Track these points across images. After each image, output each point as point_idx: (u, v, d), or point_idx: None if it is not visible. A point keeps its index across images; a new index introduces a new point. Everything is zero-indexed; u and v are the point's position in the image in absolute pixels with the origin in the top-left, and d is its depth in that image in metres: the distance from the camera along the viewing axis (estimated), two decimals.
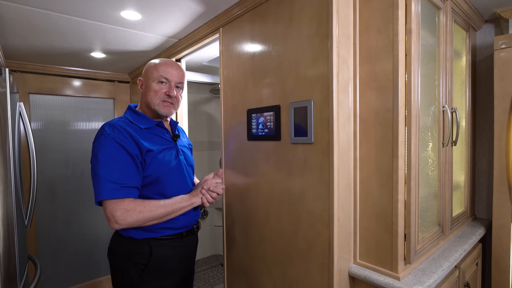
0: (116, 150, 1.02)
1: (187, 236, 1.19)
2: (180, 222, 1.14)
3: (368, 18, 1.04)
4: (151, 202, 1.04)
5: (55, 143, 2.39)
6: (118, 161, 1.01)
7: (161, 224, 1.09)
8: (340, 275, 1.03)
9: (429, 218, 1.18)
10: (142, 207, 1.01)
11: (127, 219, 0.98)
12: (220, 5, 1.36)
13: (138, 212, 1.00)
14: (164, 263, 1.11)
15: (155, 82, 1.14)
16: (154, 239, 1.10)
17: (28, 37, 1.69)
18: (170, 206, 1.07)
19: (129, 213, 0.98)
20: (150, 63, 1.18)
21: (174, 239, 1.14)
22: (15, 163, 1.20)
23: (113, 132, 1.04)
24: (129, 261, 1.09)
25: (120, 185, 0.99)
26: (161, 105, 1.15)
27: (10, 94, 1.16)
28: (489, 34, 1.64)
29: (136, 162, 1.04)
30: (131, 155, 1.03)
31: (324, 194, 1.02)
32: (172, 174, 1.14)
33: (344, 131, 1.04)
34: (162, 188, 1.11)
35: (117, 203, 0.98)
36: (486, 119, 1.65)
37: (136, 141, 1.06)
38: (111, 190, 0.98)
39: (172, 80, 1.15)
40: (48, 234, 2.35)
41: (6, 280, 1.05)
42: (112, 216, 0.97)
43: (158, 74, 1.14)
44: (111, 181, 0.98)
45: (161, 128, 1.19)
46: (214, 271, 2.97)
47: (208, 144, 3.31)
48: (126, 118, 1.15)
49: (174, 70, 1.16)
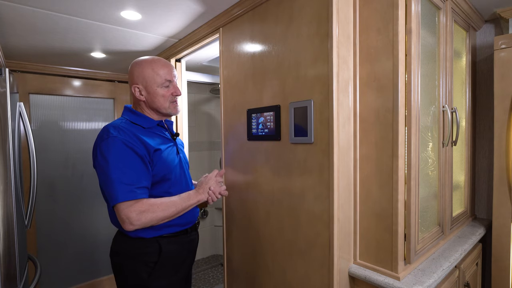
0: (125, 152, 1.01)
1: (191, 231, 1.22)
2: (185, 219, 1.17)
3: (368, 18, 1.04)
4: (163, 202, 1.05)
5: (55, 143, 2.39)
6: (129, 162, 1.01)
7: (170, 222, 1.11)
8: (340, 275, 1.03)
9: (429, 218, 1.18)
10: (155, 207, 1.02)
11: (142, 219, 0.99)
12: (220, 5, 1.36)
13: (152, 212, 1.00)
14: (172, 260, 1.14)
15: (161, 87, 1.13)
16: (162, 237, 1.11)
17: (28, 37, 1.69)
18: (180, 204, 1.09)
19: (143, 214, 0.99)
20: (144, 67, 1.12)
21: (180, 236, 1.17)
22: (15, 163, 1.20)
23: (120, 134, 1.03)
24: (138, 261, 1.09)
25: (133, 186, 0.99)
26: (172, 107, 1.18)
27: (10, 94, 1.16)
28: (489, 34, 1.64)
29: (145, 162, 1.05)
30: (140, 155, 1.03)
31: (324, 194, 1.02)
32: (176, 172, 1.17)
33: (344, 131, 1.04)
34: (168, 186, 1.13)
35: (131, 205, 0.98)
36: (486, 119, 1.65)
37: (142, 141, 1.07)
38: (125, 192, 0.98)
39: (173, 79, 1.17)
40: (48, 234, 2.35)
41: (6, 280, 1.06)
42: (128, 218, 0.97)
43: (161, 79, 1.12)
44: (124, 183, 0.98)
45: (161, 128, 1.21)
46: (214, 271, 2.97)
47: (208, 144, 3.30)
48: (126, 119, 1.14)
49: (170, 68, 1.16)
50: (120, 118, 1.15)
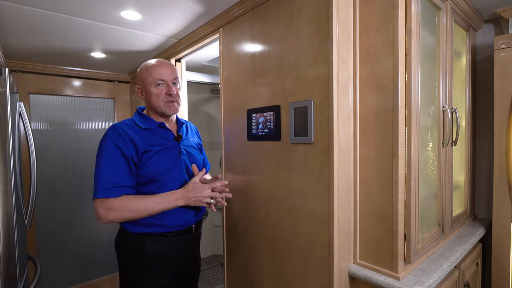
0: (113, 152, 1.09)
1: (182, 235, 1.21)
2: (170, 222, 1.17)
3: (368, 18, 1.04)
4: (132, 202, 1.09)
5: (55, 143, 2.39)
6: (113, 162, 1.09)
7: (152, 221, 1.14)
8: (340, 275, 1.03)
9: (429, 218, 1.18)
10: (123, 208, 1.08)
11: (109, 216, 1.07)
12: (220, 5, 1.36)
13: (119, 211, 1.07)
14: (156, 258, 1.15)
15: (153, 86, 1.18)
16: (148, 234, 1.15)
17: (28, 37, 1.69)
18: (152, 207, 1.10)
19: (110, 211, 1.07)
20: (142, 69, 1.21)
21: (168, 236, 1.17)
22: (15, 163, 1.20)
23: (113, 134, 1.12)
24: (126, 254, 1.17)
25: (110, 185, 1.07)
26: (166, 106, 1.20)
27: (10, 94, 1.16)
28: (489, 34, 1.64)
29: (129, 162, 1.11)
30: (125, 156, 1.10)
31: (324, 194, 1.02)
32: (169, 174, 1.17)
33: (344, 131, 1.04)
34: (156, 187, 1.15)
35: (102, 201, 1.07)
36: (486, 119, 1.65)
37: (134, 142, 1.13)
38: (101, 190, 1.06)
39: (167, 79, 1.19)
40: (48, 234, 2.35)
41: (6, 280, 1.06)
42: (97, 213, 1.08)
43: (153, 78, 1.17)
44: (104, 181, 1.07)
45: (163, 129, 1.23)
46: (214, 271, 2.97)
47: (208, 144, 3.30)
48: (133, 120, 1.21)
49: (166, 69, 1.19)
50: (129, 118, 1.24)
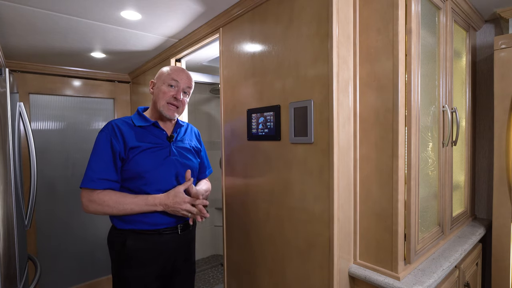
0: (103, 145, 1.14)
1: (166, 234, 1.21)
2: (152, 220, 1.17)
3: (368, 18, 1.04)
4: (113, 199, 1.11)
5: (55, 143, 2.39)
6: (101, 155, 1.13)
7: (134, 218, 1.16)
8: (340, 275, 1.03)
9: (429, 218, 1.18)
10: (103, 202, 1.11)
11: (90, 208, 1.11)
12: (220, 5, 1.36)
13: (99, 205, 1.10)
14: (138, 254, 1.16)
15: (165, 85, 1.22)
16: (131, 231, 1.17)
17: (28, 37, 1.69)
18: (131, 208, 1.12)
19: (91, 203, 1.10)
20: (164, 68, 1.28)
21: (151, 234, 1.18)
22: (15, 163, 1.20)
23: (107, 129, 1.17)
24: (113, 249, 1.21)
25: (95, 176, 1.11)
26: (165, 107, 1.22)
27: (10, 94, 1.16)
28: (489, 34, 1.64)
29: (116, 157, 1.14)
30: (113, 150, 1.14)
31: (324, 194, 1.02)
32: (156, 172, 1.18)
33: (344, 131, 1.04)
34: (142, 184, 1.16)
35: (86, 192, 1.11)
36: (486, 119, 1.65)
37: (124, 137, 1.16)
38: (88, 180, 1.11)
39: (181, 83, 1.23)
40: (48, 234, 2.35)
41: (6, 280, 1.06)
42: (81, 202, 1.12)
43: (169, 77, 1.23)
44: (91, 172, 1.11)
45: (156, 128, 1.24)
46: (214, 271, 2.97)
47: (208, 144, 3.30)
48: (131, 118, 1.25)
49: (184, 75, 1.26)
50: (127, 116, 1.29)
